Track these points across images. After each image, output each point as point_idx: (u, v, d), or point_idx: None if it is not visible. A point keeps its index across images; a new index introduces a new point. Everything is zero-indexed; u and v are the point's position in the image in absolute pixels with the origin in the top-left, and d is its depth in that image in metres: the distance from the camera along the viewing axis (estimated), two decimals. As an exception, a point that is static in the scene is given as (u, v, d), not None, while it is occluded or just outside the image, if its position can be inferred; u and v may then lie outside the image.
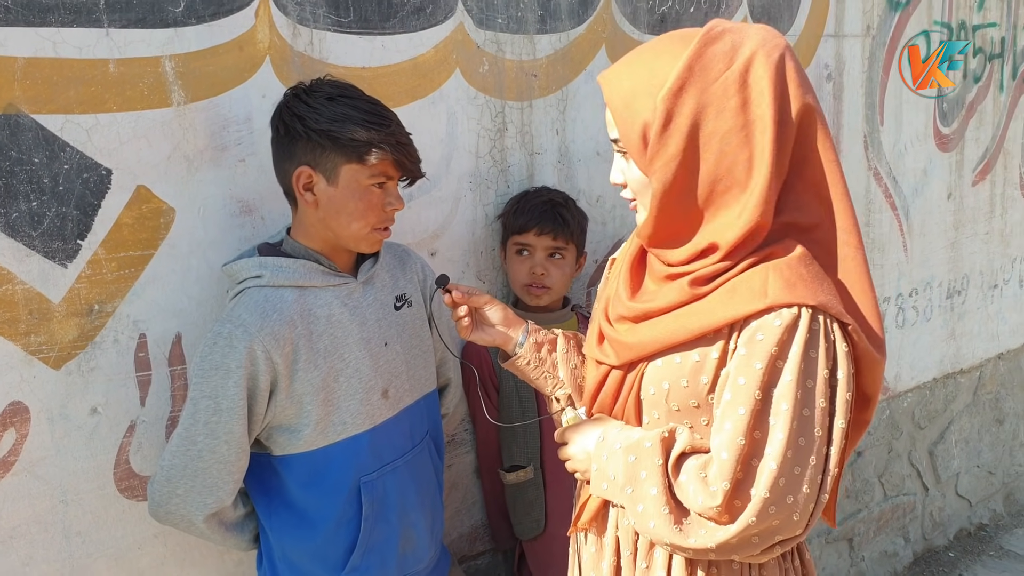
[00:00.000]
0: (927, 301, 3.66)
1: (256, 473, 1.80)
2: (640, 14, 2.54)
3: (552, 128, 2.43)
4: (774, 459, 1.34)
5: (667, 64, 1.38)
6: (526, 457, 2.29)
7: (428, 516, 1.97)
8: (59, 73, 1.67)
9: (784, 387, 1.35)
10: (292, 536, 1.82)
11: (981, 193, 3.82)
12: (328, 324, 1.77)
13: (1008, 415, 4.27)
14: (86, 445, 1.79)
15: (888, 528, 3.76)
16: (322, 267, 1.79)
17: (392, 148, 1.71)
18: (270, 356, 1.68)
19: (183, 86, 1.81)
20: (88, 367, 1.77)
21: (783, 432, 1.34)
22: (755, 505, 1.34)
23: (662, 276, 1.50)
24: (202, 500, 1.71)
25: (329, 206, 1.73)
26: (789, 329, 1.35)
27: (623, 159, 1.52)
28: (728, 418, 1.37)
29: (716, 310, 1.41)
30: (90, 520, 1.81)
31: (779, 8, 2.89)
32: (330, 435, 1.79)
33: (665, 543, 1.43)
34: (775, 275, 1.38)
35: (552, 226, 2.26)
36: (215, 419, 1.67)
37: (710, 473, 1.38)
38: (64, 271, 1.72)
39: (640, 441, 1.47)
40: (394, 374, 1.88)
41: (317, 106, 1.69)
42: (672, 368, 1.47)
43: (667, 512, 1.40)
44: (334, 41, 2.00)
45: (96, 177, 1.73)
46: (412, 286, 1.98)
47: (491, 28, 2.26)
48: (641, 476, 1.44)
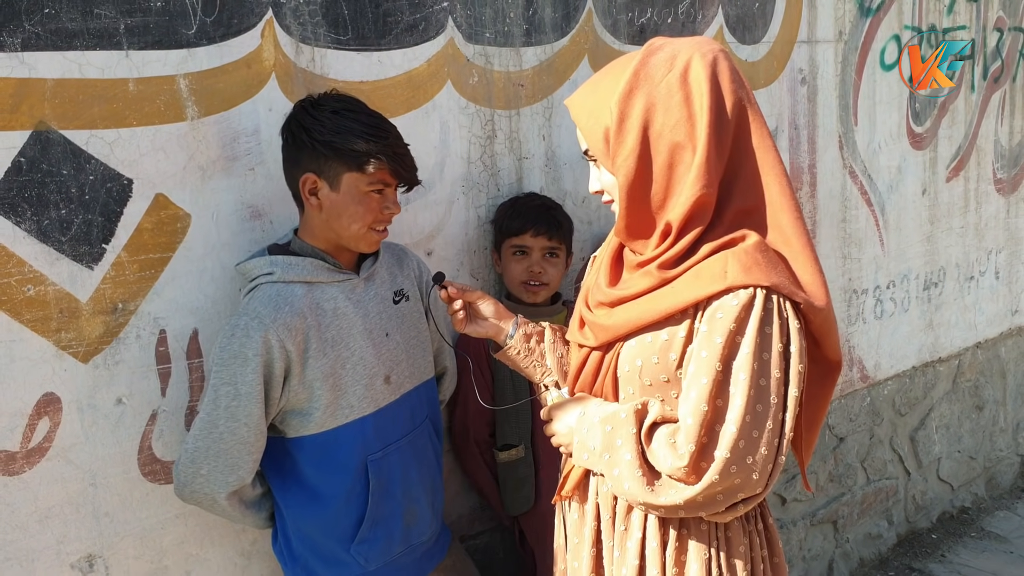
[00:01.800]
0: (904, 293, 3.81)
1: (271, 455, 1.96)
2: (620, 26, 2.70)
3: (539, 134, 2.59)
4: (734, 423, 1.49)
5: (618, 77, 1.58)
6: (518, 436, 2.45)
7: (429, 492, 2.13)
8: (84, 92, 1.82)
9: (742, 359, 1.50)
10: (305, 512, 1.98)
11: (955, 189, 3.97)
12: (335, 316, 1.93)
13: (988, 402, 4.41)
14: (112, 433, 1.93)
15: (872, 511, 3.91)
16: (328, 264, 1.95)
17: (389, 158, 1.87)
18: (284, 345, 1.83)
19: (196, 102, 1.96)
20: (113, 361, 1.91)
21: (742, 399, 1.49)
22: (717, 464, 1.49)
23: (634, 265, 1.67)
24: (224, 479, 1.86)
25: (332, 209, 1.89)
26: (746, 308, 1.51)
27: (596, 168, 1.69)
28: (693, 387, 1.52)
29: (682, 292, 1.57)
30: (117, 502, 1.95)
31: (753, 17, 3.05)
32: (339, 417, 1.95)
33: (639, 502, 1.59)
34: (733, 260, 1.53)
35: (548, 227, 2.43)
36: (235, 403, 1.83)
37: (678, 439, 1.54)
38: (91, 273, 1.86)
39: (616, 413, 1.63)
40: (395, 362, 2.04)
41: (322, 119, 1.85)
42: (644, 347, 1.62)
43: (640, 475, 1.56)
44: (334, 58, 2.16)
45: (119, 187, 1.88)
46: (409, 282, 2.14)
47: (480, 42, 2.42)
48: (617, 444, 1.60)
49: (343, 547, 2.00)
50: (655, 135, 1.55)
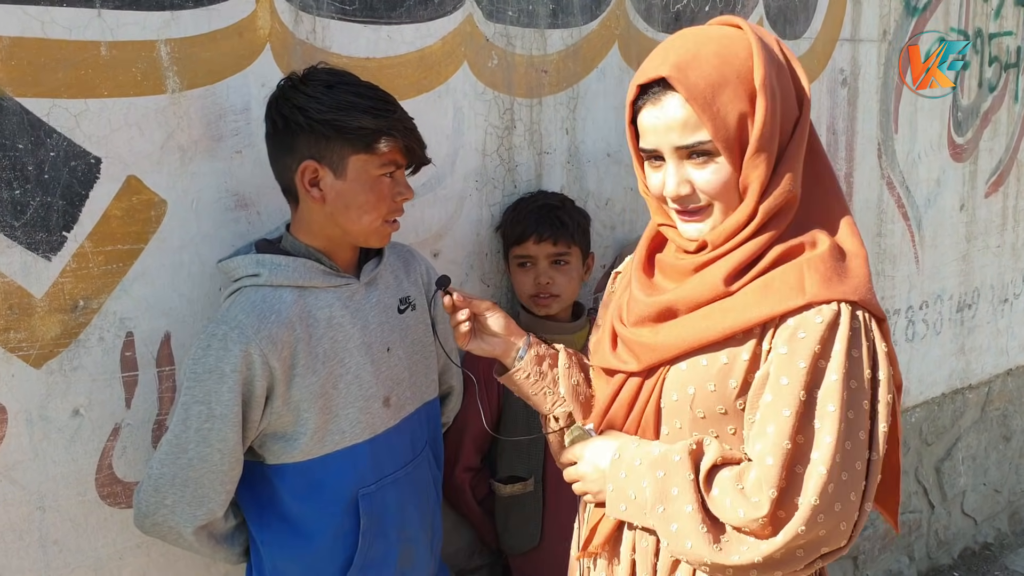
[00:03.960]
0: (937, 314, 3.58)
1: (248, 483, 1.71)
2: (654, 11, 2.46)
3: (562, 127, 2.35)
4: (823, 463, 1.27)
5: (732, 52, 1.36)
6: (527, 469, 2.20)
7: (428, 531, 1.89)
8: (47, 55, 1.59)
9: (829, 387, 1.29)
10: (285, 550, 1.73)
11: (994, 205, 3.75)
12: (328, 327, 1.69)
13: (1016, 432, 4.20)
14: (67, 449, 1.71)
15: (893, 546, 3.69)
16: (323, 267, 1.70)
17: (401, 134, 1.64)
18: (267, 360, 1.59)
19: (178, 72, 1.73)
20: (71, 366, 1.69)
21: (831, 435, 1.28)
22: (803, 513, 1.27)
23: (689, 269, 1.43)
24: (192, 512, 1.62)
25: (338, 200, 1.65)
26: (830, 327, 1.31)
27: (685, 166, 1.40)
28: (771, 421, 1.31)
29: (750, 307, 1.35)
30: (69, 528, 1.73)
31: (795, 10, 2.82)
32: (327, 444, 1.70)
33: (704, 563, 1.34)
34: (811, 270, 1.34)
35: (550, 231, 2.17)
36: (208, 425, 1.58)
37: (747, 483, 1.32)
38: (48, 264, 1.64)
39: (666, 455, 1.39)
40: (396, 381, 1.80)
41: (317, 95, 1.61)
42: (698, 371, 1.39)
43: (704, 531, 1.33)
44: (338, 29, 1.92)
45: (84, 166, 1.65)
46: (416, 288, 1.89)
47: (501, 21, 2.18)
48: (672, 493, 1.37)
49: None
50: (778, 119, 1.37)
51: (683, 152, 1.38)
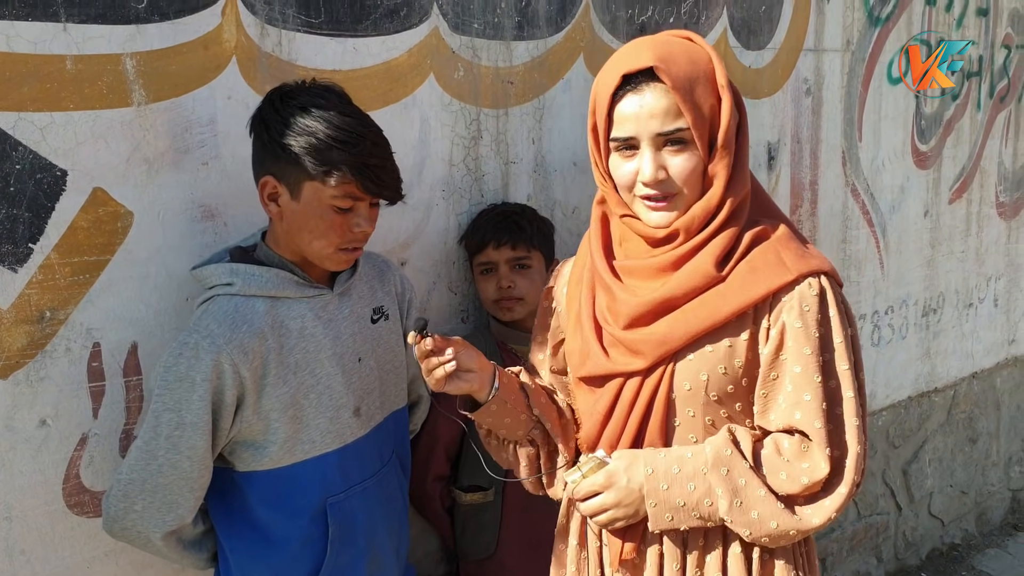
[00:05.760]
0: (903, 319, 3.63)
1: (217, 489, 1.72)
2: (619, 23, 2.49)
3: (528, 137, 2.38)
4: (854, 415, 1.47)
5: (698, 54, 1.50)
6: (489, 479, 2.21)
7: (395, 538, 1.90)
8: (12, 68, 1.60)
9: (839, 349, 1.48)
10: (253, 557, 1.74)
11: (958, 212, 3.80)
12: (300, 338, 1.70)
13: (982, 435, 4.25)
14: (33, 459, 1.71)
15: (861, 548, 3.72)
16: (296, 277, 1.71)
17: (355, 170, 1.60)
18: (237, 370, 1.60)
19: (144, 85, 1.74)
20: (37, 377, 1.69)
21: (851, 390, 1.47)
22: (852, 461, 1.47)
23: (668, 264, 1.51)
24: (161, 517, 1.63)
25: (292, 220, 1.66)
26: (822, 296, 1.48)
27: (661, 154, 1.48)
28: (805, 389, 1.47)
29: (747, 287, 1.48)
30: (36, 538, 1.73)
31: (759, 21, 2.86)
32: (297, 453, 1.71)
33: (790, 533, 1.49)
34: (785, 249, 1.50)
35: (509, 236, 2.20)
36: (178, 433, 1.60)
37: (788, 453, 1.48)
38: (14, 276, 1.64)
39: (717, 453, 1.50)
40: (366, 391, 1.81)
41: (286, 116, 1.61)
42: (707, 358, 1.50)
43: (782, 506, 1.48)
44: (304, 42, 1.93)
45: (50, 178, 1.66)
46: (390, 298, 1.91)
47: (467, 33, 2.20)
48: (741, 484, 1.49)
49: None
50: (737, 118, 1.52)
51: (660, 140, 1.47)
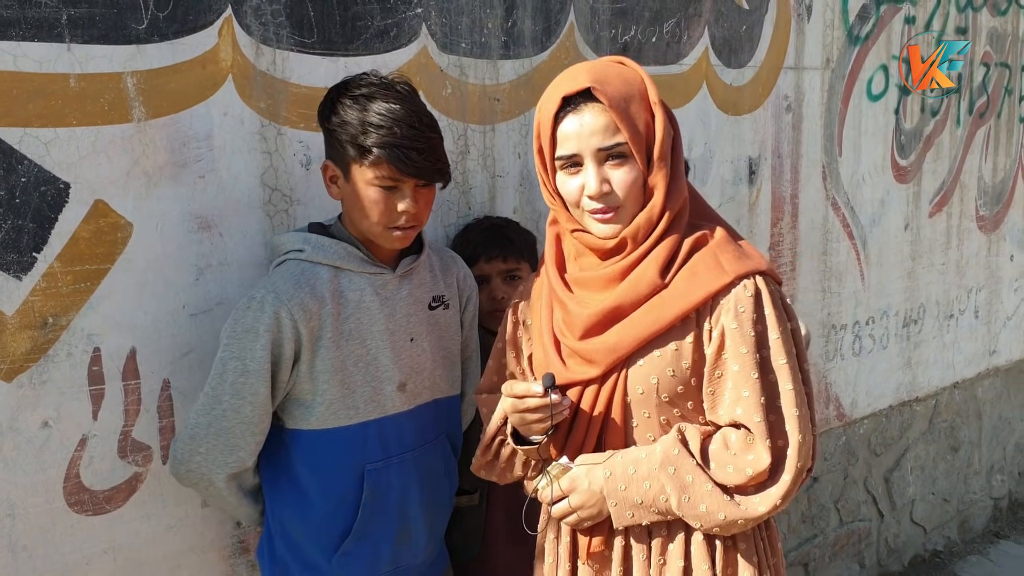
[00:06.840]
0: (884, 330, 3.71)
1: (266, 446, 1.85)
2: (603, 42, 2.58)
3: (514, 152, 2.46)
4: (794, 406, 1.55)
5: (631, 76, 1.60)
6: (474, 483, 2.28)
7: (431, 514, 2.00)
8: (19, 86, 1.68)
9: (775, 345, 1.56)
10: (290, 511, 1.88)
11: (938, 225, 3.89)
12: (356, 309, 1.83)
13: (963, 443, 4.32)
14: (36, 459, 1.78)
15: (844, 554, 3.79)
16: (361, 253, 1.84)
17: (389, 152, 1.72)
18: (296, 325, 1.74)
19: (144, 102, 1.82)
20: (40, 380, 1.76)
21: (790, 383, 1.55)
22: (794, 450, 1.54)
23: (617, 274, 1.60)
24: (224, 459, 1.76)
25: (347, 201, 1.83)
26: (757, 296, 1.56)
27: (604, 168, 1.58)
28: (744, 386, 1.55)
29: (689, 292, 1.55)
30: (37, 534, 1.80)
31: (740, 40, 2.95)
32: (341, 417, 1.84)
33: (739, 523, 1.56)
34: (722, 253, 1.58)
35: (500, 249, 2.27)
36: (242, 380, 1.73)
37: (735, 446, 1.56)
38: (18, 283, 1.72)
39: (666, 452, 1.59)
40: (415, 370, 1.93)
41: (340, 102, 1.77)
42: (655, 362, 1.59)
43: (728, 499, 1.56)
44: (297, 61, 2.02)
45: (54, 191, 1.74)
46: (451, 291, 2.03)
47: (455, 52, 2.29)
48: (688, 480, 1.57)
49: (325, 556, 1.88)
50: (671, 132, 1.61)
51: (602, 155, 1.57)
